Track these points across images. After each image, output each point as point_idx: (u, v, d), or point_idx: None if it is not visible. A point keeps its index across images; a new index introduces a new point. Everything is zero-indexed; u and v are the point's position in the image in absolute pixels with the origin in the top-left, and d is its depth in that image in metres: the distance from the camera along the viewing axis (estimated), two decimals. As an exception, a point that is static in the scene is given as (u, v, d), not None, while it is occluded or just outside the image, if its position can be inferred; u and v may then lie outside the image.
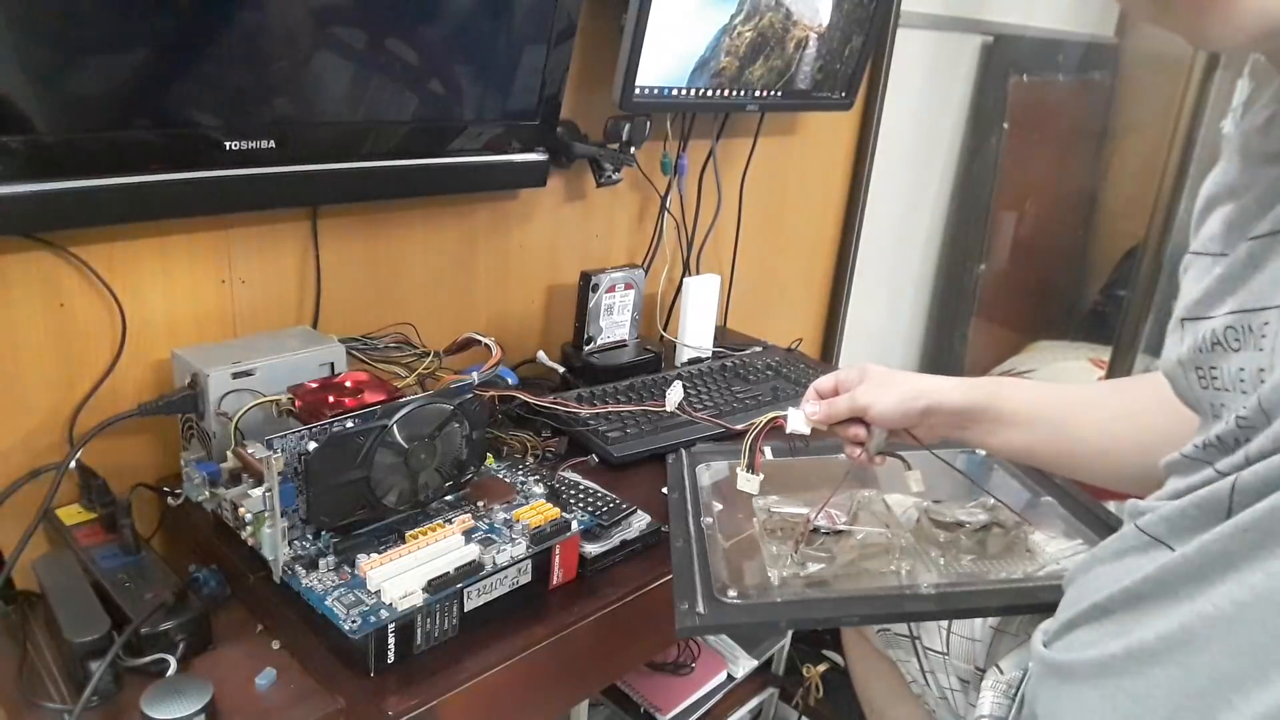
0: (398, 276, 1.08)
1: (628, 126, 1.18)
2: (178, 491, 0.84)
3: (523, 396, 0.98)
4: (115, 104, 0.74)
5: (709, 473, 0.91)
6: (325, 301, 1.01)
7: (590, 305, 1.19)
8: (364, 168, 0.92)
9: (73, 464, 0.80)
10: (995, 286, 2.22)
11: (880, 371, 0.79)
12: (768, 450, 0.85)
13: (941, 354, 2.25)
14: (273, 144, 0.83)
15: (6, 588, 0.77)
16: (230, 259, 0.93)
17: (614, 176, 1.23)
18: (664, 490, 0.88)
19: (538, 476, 0.87)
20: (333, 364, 0.89)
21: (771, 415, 0.80)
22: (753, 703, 1.26)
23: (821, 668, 1.30)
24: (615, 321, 1.23)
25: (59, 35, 0.68)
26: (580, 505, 0.83)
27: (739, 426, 0.88)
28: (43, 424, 0.84)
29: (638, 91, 1.11)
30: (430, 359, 0.95)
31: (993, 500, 0.82)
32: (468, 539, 0.74)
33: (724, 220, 1.49)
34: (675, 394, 0.98)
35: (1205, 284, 0.48)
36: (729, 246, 1.53)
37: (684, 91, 1.18)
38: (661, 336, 1.41)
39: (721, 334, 1.46)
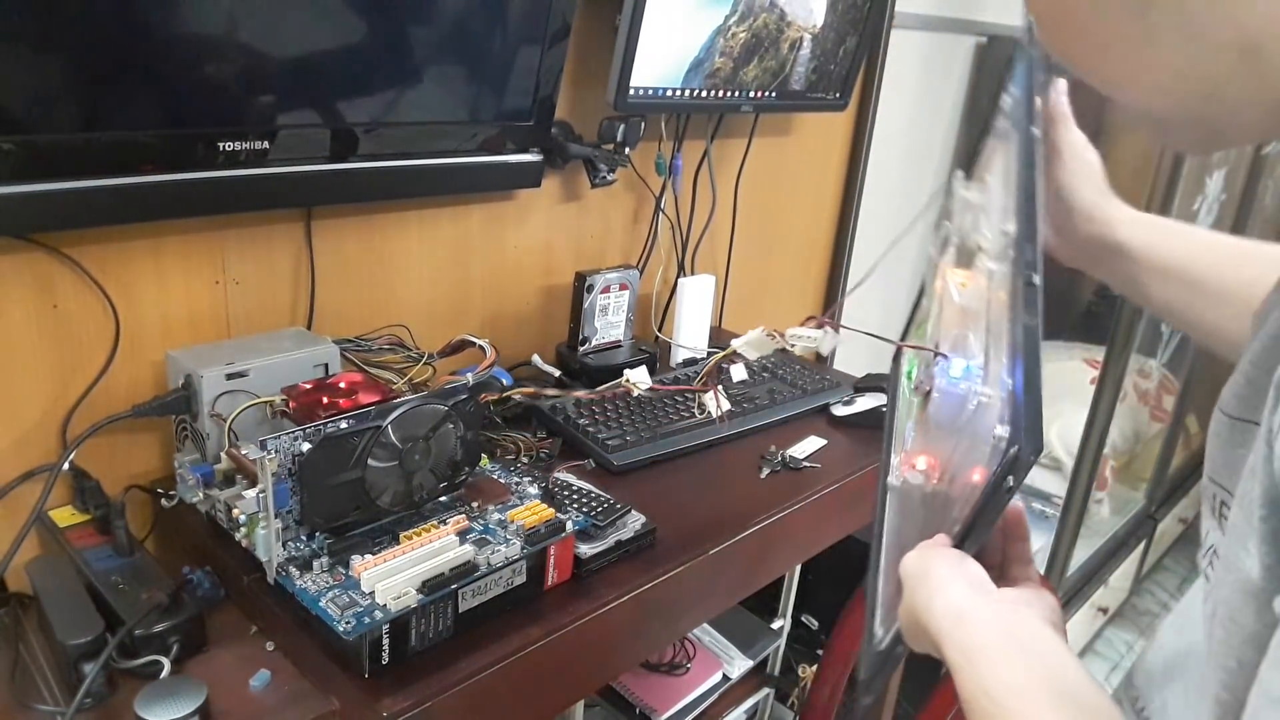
0: (392, 278, 1.08)
1: (622, 127, 1.18)
2: (171, 493, 0.83)
3: (518, 396, 0.98)
4: (108, 104, 0.73)
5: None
6: (319, 303, 1.01)
7: (585, 306, 1.19)
8: (358, 169, 0.92)
9: (66, 466, 0.80)
10: (989, 287, 2.22)
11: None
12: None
13: (936, 354, 2.25)
14: (266, 145, 0.83)
15: (0, 590, 0.77)
16: (224, 260, 0.93)
17: (609, 177, 1.23)
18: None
19: (532, 477, 0.87)
20: (327, 365, 0.89)
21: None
22: (748, 703, 1.26)
23: (816, 668, 1.30)
24: (610, 322, 1.23)
25: (51, 36, 0.68)
26: (575, 506, 0.83)
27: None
28: (36, 426, 0.84)
29: (632, 92, 1.11)
30: (424, 361, 0.95)
31: None
32: (462, 540, 0.74)
33: (719, 221, 1.49)
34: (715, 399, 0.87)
35: None
36: (724, 247, 1.53)
37: (678, 92, 1.18)
38: (656, 337, 1.42)
39: (716, 334, 1.46)
